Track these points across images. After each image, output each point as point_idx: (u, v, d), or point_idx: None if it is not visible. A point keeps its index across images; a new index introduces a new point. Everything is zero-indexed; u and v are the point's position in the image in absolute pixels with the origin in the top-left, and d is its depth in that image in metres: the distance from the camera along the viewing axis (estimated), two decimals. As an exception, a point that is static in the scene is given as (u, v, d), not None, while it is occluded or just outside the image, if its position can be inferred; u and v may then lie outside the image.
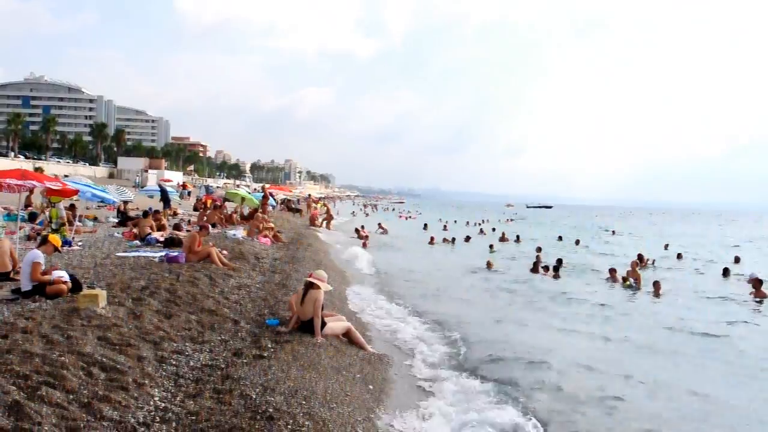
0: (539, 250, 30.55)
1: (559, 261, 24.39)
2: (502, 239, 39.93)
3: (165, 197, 31.36)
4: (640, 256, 26.80)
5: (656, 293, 18.89)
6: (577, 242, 39.02)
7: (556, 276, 22.11)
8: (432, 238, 36.16)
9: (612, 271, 22.16)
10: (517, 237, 40.46)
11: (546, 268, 23.02)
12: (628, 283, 20.72)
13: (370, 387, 7.80)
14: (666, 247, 37.43)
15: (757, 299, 18.44)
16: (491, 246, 33.07)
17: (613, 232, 58.32)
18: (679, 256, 31.15)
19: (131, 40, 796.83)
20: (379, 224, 43.20)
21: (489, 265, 23.90)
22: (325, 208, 44.69)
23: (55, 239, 10.56)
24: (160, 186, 38.03)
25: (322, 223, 38.77)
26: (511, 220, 78.65)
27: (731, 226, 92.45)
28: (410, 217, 70.92)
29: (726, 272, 22.29)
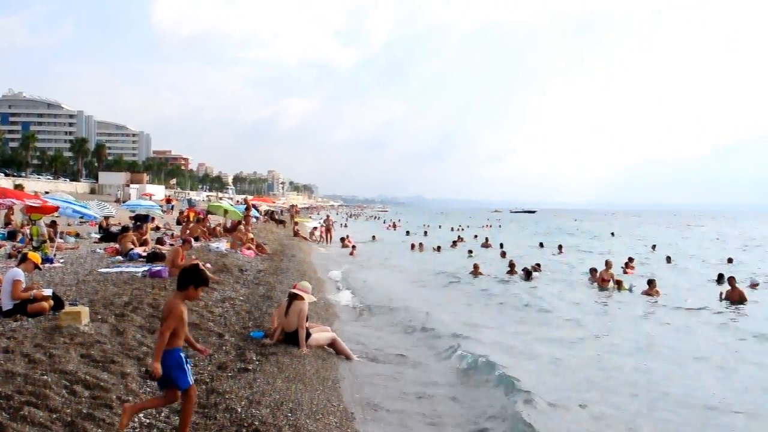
0: (503, 255, 31.66)
1: (537, 265, 24.66)
2: (485, 245, 40.48)
3: (141, 217, 31.04)
4: (630, 259, 27.00)
5: (651, 292, 18.68)
6: (560, 247, 39.20)
7: (529, 278, 22.40)
8: (413, 245, 36.45)
9: (593, 271, 22.32)
10: (501, 245, 40.77)
11: (524, 270, 23.35)
12: (625, 288, 19.99)
13: (356, 396, 7.82)
14: (654, 247, 37.88)
15: (733, 301, 17.58)
16: (470, 251, 33.33)
17: (612, 234, 58.85)
18: (668, 259, 31.42)
19: (110, 54, 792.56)
20: (373, 236, 45.03)
21: (476, 269, 23.44)
22: (330, 221, 44.84)
23: (35, 256, 10.48)
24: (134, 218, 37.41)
25: (326, 237, 39.16)
26: (490, 226, 79.01)
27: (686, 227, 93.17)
28: (396, 225, 71.70)
29: (720, 278, 22.25)
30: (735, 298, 17.79)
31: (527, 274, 22.74)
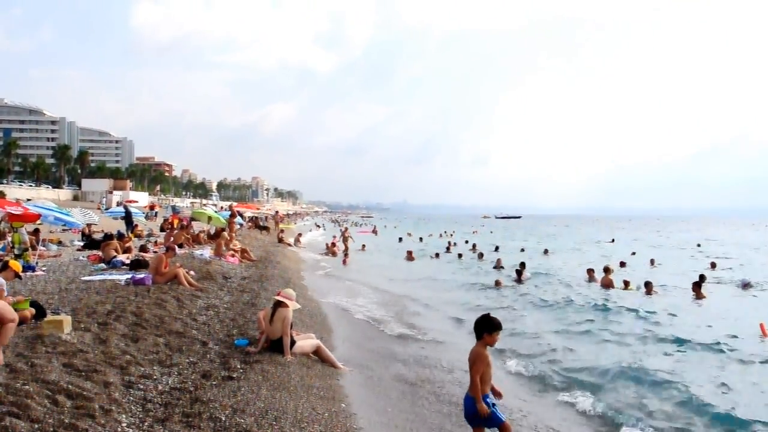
0: (481, 256, 33.39)
1: (522, 264, 24.88)
2: (473, 250, 40.81)
3: (128, 219, 30.97)
4: (622, 263, 27.64)
5: (648, 292, 19.57)
6: (546, 252, 39.41)
7: (519, 281, 22.64)
8: (408, 253, 36.14)
9: (590, 271, 22.72)
10: (496, 247, 40.99)
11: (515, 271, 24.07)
12: (630, 288, 20.56)
13: (342, 405, 7.79)
14: (633, 254, 38.21)
15: (697, 300, 19.12)
16: (460, 255, 33.54)
17: (613, 240, 59.50)
18: (651, 262, 31.82)
19: (89, 59, 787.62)
20: (363, 245, 44.21)
21: (498, 284, 21.95)
22: (346, 233, 44.28)
23: (15, 265, 10.36)
24: (124, 207, 37.47)
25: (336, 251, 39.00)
26: (476, 231, 79.26)
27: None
28: (376, 231, 72.13)
29: (702, 278, 22.67)
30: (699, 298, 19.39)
31: (518, 275, 23.28)
